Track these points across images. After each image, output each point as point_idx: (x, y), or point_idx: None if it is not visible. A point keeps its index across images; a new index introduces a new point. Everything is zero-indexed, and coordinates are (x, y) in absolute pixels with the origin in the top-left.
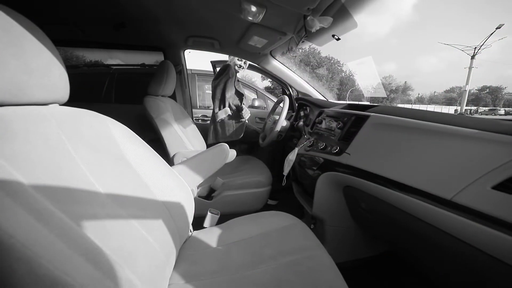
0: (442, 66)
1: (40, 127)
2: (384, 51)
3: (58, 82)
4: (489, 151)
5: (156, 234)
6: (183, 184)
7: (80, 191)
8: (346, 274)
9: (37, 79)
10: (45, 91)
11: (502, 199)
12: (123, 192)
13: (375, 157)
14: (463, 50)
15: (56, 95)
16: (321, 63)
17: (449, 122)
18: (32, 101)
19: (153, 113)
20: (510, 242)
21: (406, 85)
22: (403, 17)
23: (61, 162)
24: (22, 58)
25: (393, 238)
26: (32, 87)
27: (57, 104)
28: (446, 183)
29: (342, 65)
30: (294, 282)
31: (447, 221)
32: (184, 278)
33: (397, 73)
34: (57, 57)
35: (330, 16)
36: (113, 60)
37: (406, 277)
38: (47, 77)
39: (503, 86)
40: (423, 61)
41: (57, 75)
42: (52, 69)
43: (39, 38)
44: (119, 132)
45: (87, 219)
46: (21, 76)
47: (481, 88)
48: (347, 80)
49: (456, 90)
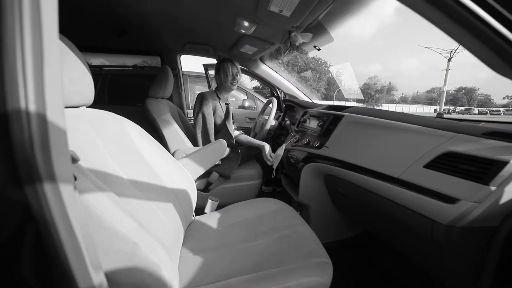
0: (423, 68)
1: (79, 125)
2: (369, 52)
3: (87, 88)
4: (422, 140)
5: (169, 214)
6: (187, 174)
7: (113, 175)
8: (329, 252)
9: (74, 86)
10: (79, 96)
11: (428, 174)
12: (140, 179)
13: (348, 148)
14: (440, 53)
15: (86, 99)
16: (309, 64)
17: (400, 119)
18: (70, 105)
19: (155, 114)
20: (430, 203)
21: (391, 85)
22: (387, 19)
23: (96, 153)
24: (67, 69)
25: (365, 217)
26: (72, 93)
27: (85, 106)
28: (395, 165)
29: (329, 66)
30: (283, 249)
31: (395, 193)
32: (192, 252)
33: (382, 74)
34: (86, 67)
35: (310, 32)
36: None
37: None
38: (81, 84)
39: (476, 88)
40: (406, 62)
41: (87, 82)
42: (84, 78)
43: (75, 52)
44: (134, 131)
45: (121, 196)
46: (66, 84)
47: (458, 89)
48: (333, 80)
49: (436, 91)
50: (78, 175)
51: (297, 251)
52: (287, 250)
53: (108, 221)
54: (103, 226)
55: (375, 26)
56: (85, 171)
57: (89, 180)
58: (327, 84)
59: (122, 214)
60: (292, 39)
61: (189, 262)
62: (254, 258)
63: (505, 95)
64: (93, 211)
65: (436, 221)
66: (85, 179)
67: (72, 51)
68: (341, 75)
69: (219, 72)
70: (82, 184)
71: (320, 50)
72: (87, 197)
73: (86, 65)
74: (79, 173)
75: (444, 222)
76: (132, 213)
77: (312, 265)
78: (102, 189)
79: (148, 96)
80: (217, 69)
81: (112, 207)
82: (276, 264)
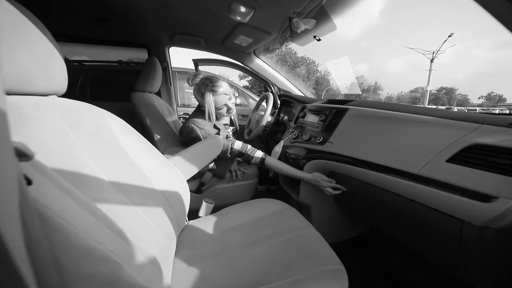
0: (407, 68)
1: (48, 116)
2: (355, 52)
3: (59, 74)
4: (442, 133)
5: (158, 220)
6: (179, 174)
7: (89, 177)
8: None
9: (41, 70)
10: (47, 82)
11: (453, 168)
12: (124, 181)
13: (355, 143)
14: (423, 54)
15: (56, 86)
16: (297, 63)
17: (412, 111)
18: (36, 91)
19: (142, 109)
20: (459, 201)
21: (377, 85)
22: (372, 20)
23: (69, 150)
24: (28, 48)
25: (373, 215)
26: (36, 77)
27: (56, 95)
28: (413, 160)
29: (318, 65)
30: (288, 255)
31: (414, 191)
32: (186, 262)
33: (368, 73)
34: (57, 49)
35: (312, 19)
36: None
37: (384, 250)
38: (49, 68)
39: (455, 88)
40: (392, 62)
41: (58, 66)
42: (53, 61)
43: (41, 30)
44: (116, 125)
45: (100, 203)
46: (27, 65)
47: (439, 89)
48: (322, 79)
49: (419, 90)
50: (37, 177)
51: (306, 257)
52: (294, 256)
53: (80, 236)
54: (73, 244)
55: (360, 27)
56: (48, 171)
57: (54, 183)
58: (315, 83)
59: (99, 225)
60: (293, 25)
61: (183, 274)
62: (258, 267)
63: (480, 95)
64: (58, 224)
65: (466, 221)
66: (48, 182)
67: (38, 27)
68: (329, 75)
69: (202, 102)
70: (42, 188)
71: (320, 40)
72: (49, 206)
73: (58, 49)
74: (38, 174)
75: (477, 223)
76: (113, 223)
77: (325, 274)
78: (72, 194)
79: (134, 90)
80: (198, 95)
81: (86, 217)
82: (283, 274)
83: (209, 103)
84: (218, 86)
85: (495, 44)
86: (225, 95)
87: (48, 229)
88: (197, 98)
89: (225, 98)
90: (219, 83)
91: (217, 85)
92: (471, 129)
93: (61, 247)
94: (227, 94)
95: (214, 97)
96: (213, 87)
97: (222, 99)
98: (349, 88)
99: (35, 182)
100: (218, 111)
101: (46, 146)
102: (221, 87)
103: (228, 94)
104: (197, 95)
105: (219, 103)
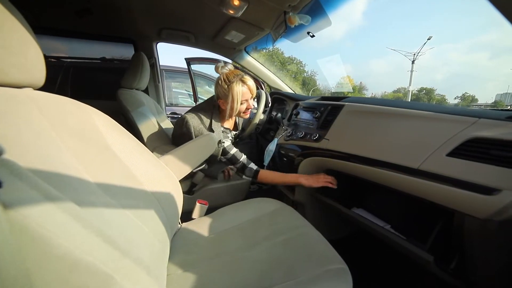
0: (390, 69)
1: (21, 111)
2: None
3: (35, 63)
4: (440, 127)
5: (150, 224)
6: (170, 175)
7: (73, 178)
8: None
9: (14, 57)
10: (19, 72)
11: (454, 162)
12: (112, 182)
13: (351, 140)
14: (405, 55)
15: (32, 77)
16: (285, 64)
17: (408, 107)
18: (7, 82)
19: (129, 106)
20: (462, 195)
21: (362, 85)
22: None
23: (48, 149)
24: None
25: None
26: (8, 65)
27: (32, 88)
28: (413, 155)
29: (304, 66)
30: (290, 255)
31: (415, 185)
32: (182, 267)
33: (353, 74)
34: (33, 36)
35: (307, 14)
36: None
37: (377, 249)
38: (24, 55)
39: (434, 88)
40: (375, 63)
41: (34, 54)
42: (29, 48)
43: (14, 14)
44: (102, 122)
45: (86, 207)
46: None
47: (420, 89)
48: (309, 80)
49: (401, 91)
50: (9, 179)
51: (308, 257)
52: (296, 257)
53: (64, 246)
54: (56, 255)
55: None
56: (23, 172)
57: (31, 185)
58: (302, 84)
59: (86, 232)
60: (289, 20)
61: (179, 280)
62: (259, 270)
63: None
64: (37, 234)
65: (469, 214)
66: (23, 185)
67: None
68: (315, 75)
69: (224, 93)
70: (16, 192)
71: (314, 36)
72: (26, 213)
73: (34, 37)
74: (11, 175)
75: (481, 216)
76: (102, 229)
77: (329, 274)
78: (54, 198)
79: (120, 87)
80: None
81: (70, 224)
82: (286, 275)
83: (237, 92)
84: (248, 79)
85: (469, 47)
86: (250, 91)
87: (26, 239)
88: (219, 89)
89: (249, 94)
90: (248, 77)
91: (247, 78)
92: (470, 123)
93: (41, 260)
94: (252, 89)
95: (242, 88)
96: (243, 78)
97: (247, 93)
98: (339, 86)
99: (7, 184)
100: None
101: (20, 144)
102: (250, 80)
103: (253, 90)
104: (221, 84)
105: (244, 96)
